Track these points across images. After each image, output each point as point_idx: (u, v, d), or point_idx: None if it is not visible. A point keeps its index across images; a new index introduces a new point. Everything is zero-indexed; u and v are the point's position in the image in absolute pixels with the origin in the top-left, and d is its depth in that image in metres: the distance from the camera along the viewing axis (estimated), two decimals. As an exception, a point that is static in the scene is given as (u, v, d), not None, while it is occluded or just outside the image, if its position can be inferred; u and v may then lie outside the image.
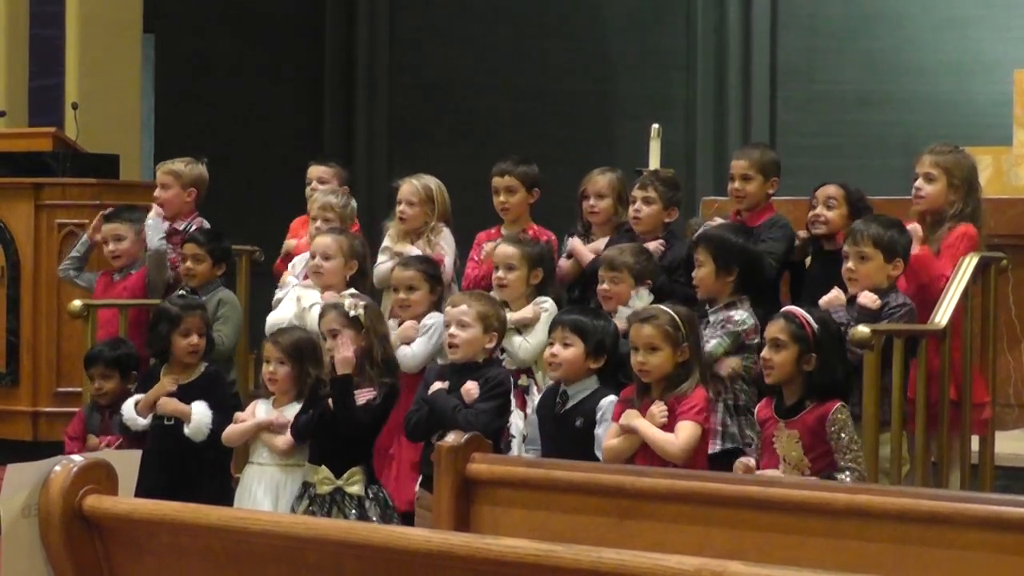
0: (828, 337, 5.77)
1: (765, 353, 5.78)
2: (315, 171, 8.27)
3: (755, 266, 6.55)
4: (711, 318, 6.40)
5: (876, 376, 5.95)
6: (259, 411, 6.64)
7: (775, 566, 2.78)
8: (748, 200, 7.01)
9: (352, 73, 14.76)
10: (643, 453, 5.84)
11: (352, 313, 6.37)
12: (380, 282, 7.50)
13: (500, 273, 6.91)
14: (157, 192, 8.12)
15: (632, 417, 5.85)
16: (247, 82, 13.99)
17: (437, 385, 6.30)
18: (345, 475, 6.30)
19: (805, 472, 5.64)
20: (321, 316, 6.52)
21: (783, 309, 5.92)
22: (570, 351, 6.08)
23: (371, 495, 6.33)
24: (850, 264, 6.23)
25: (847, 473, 5.61)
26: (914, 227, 6.45)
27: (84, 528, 3.38)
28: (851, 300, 6.26)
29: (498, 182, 7.50)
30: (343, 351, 6.26)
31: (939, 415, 6.28)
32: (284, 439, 6.50)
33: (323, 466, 6.32)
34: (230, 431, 6.67)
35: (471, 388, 6.20)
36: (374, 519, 6.23)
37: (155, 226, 7.94)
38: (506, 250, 6.96)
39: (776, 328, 5.77)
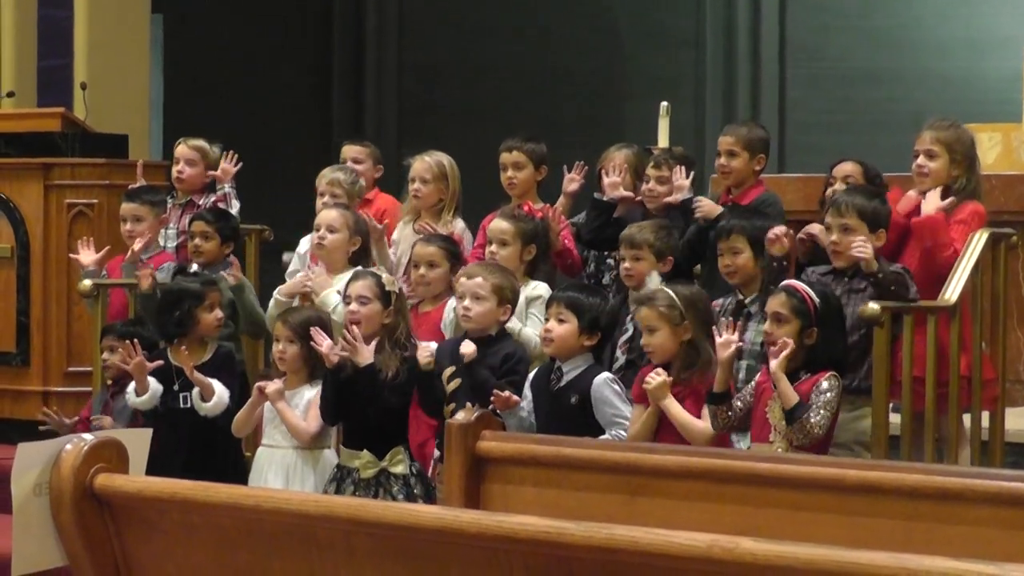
0: (829, 311, 5.78)
1: (767, 327, 5.78)
2: (349, 151, 8.28)
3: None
4: (751, 308, 6.31)
5: (886, 351, 5.95)
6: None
7: (786, 542, 2.78)
8: (734, 176, 7.05)
9: (361, 54, 14.75)
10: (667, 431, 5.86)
11: (388, 288, 6.36)
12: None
13: (493, 248, 6.82)
14: (181, 167, 8.03)
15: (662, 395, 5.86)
16: (256, 62, 13.98)
17: (470, 346, 6.25)
18: (388, 455, 6.27)
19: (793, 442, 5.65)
20: (353, 280, 6.47)
21: (784, 283, 5.90)
22: (563, 327, 6.09)
23: (414, 472, 6.32)
24: (834, 237, 6.19)
25: (811, 416, 5.60)
26: (934, 192, 6.42)
27: (95, 506, 3.39)
28: (833, 271, 6.22)
29: (506, 158, 7.49)
30: (363, 352, 6.23)
31: (947, 393, 6.28)
32: (275, 386, 6.45)
33: (364, 451, 6.29)
34: (236, 418, 6.64)
35: (467, 350, 6.19)
36: (420, 497, 6.21)
37: (128, 269, 7.70)
38: (500, 225, 6.87)
39: (777, 302, 5.77)
